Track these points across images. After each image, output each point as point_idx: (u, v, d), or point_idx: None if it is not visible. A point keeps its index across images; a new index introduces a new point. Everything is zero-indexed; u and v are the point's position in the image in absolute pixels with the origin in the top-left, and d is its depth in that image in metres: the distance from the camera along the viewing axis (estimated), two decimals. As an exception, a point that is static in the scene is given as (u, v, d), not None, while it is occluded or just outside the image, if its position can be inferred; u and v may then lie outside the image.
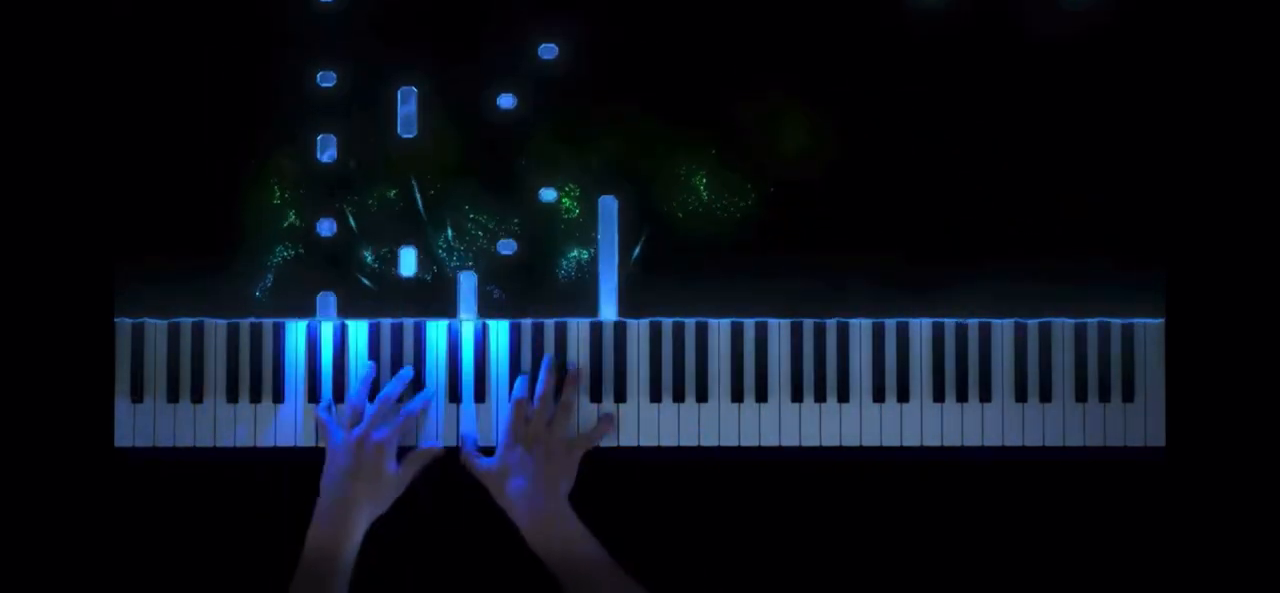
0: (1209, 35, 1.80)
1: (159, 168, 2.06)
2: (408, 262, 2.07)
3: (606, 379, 2.07)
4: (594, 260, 2.08)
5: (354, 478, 1.98)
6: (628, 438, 2.07)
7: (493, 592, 2.12)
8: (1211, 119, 1.79)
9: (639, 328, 2.07)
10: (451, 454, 2.05)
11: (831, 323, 2.07)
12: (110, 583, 2.06)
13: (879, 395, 2.07)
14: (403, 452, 2.04)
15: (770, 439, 2.07)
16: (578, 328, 2.07)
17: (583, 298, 2.08)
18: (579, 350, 2.07)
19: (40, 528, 1.70)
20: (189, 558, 2.12)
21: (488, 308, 2.07)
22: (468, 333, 2.07)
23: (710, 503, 2.13)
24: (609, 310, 2.07)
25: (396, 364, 2.07)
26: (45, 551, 1.70)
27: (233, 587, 2.12)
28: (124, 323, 2.06)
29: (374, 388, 2.06)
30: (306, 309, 2.07)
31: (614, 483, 2.11)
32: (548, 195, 2.07)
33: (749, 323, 2.07)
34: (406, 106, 2.08)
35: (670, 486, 2.14)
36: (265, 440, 2.06)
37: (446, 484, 2.06)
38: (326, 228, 2.06)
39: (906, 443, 2.07)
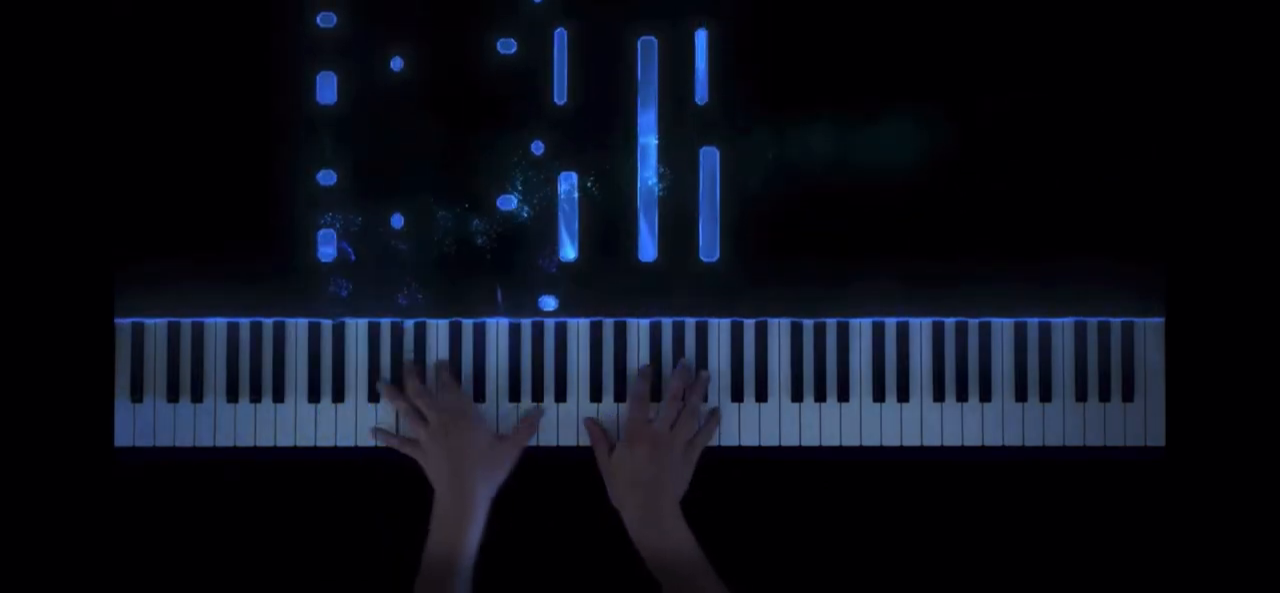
0: (1209, 33, 1.80)
1: (159, 167, 2.06)
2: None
3: (607, 378, 2.07)
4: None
5: (465, 463, 1.98)
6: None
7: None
8: (1211, 117, 1.79)
9: (638, 328, 2.07)
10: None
11: (831, 323, 2.07)
12: (110, 584, 2.05)
13: (879, 395, 2.07)
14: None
15: (771, 439, 2.07)
16: (577, 327, 2.07)
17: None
18: (579, 349, 2.07)
19: (40, 529, 1.70)
20: (189, 558, 2.12)
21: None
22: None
23: (710, 503, 2.13)
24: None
25: (397, 363, 2.07)
26: (45, 551, 1.70)
27: (232, 588, 2.12)
28: (124, 323, 2.06)
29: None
30: (310, 306, 2.07)
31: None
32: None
33: (749, 323, 2.07)
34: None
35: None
36: (265, 441, 2.06)
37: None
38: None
39: (906, 443, 2.07)
